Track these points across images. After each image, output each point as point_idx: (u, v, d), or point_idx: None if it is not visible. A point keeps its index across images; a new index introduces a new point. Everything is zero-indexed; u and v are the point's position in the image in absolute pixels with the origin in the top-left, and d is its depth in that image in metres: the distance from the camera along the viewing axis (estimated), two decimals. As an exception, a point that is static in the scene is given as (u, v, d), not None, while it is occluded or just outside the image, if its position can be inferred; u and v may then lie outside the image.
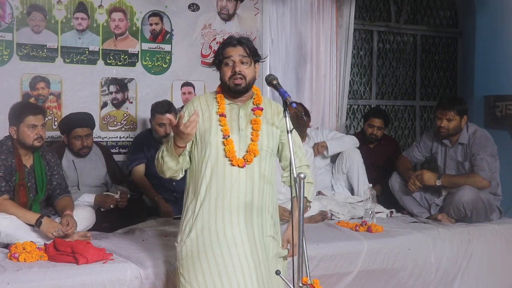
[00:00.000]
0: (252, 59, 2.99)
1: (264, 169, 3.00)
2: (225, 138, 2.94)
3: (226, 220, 2.91)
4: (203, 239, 2.91)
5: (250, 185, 2.94)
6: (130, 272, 3.30)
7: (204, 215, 2.93)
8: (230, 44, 2.98)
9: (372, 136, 5.63)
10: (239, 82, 2.94)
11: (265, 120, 3.03)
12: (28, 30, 4.74)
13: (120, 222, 4.30)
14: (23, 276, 3.09)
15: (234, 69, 2.94)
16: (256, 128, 2.98)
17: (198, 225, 2.93)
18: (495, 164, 4.79)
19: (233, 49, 2.96)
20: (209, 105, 3.02)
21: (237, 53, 2.95)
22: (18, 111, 3.85)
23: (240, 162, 2.92)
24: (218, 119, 2.97)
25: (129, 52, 5.15)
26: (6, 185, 3.75)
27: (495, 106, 6.18)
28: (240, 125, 2.98)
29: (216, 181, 2.93)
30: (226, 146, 2.93)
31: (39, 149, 3.91)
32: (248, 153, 2.94)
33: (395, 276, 4.22)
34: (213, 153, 2.94)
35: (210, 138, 2.95)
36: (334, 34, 6.00)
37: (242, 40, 3.00)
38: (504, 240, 4.73)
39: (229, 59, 2.95)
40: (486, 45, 6.41)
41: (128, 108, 5.18)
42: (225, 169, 2.93)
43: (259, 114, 3.02)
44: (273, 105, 3.12)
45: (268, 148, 3.01)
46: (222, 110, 2.98)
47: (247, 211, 2.94)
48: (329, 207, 4.81)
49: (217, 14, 5.50)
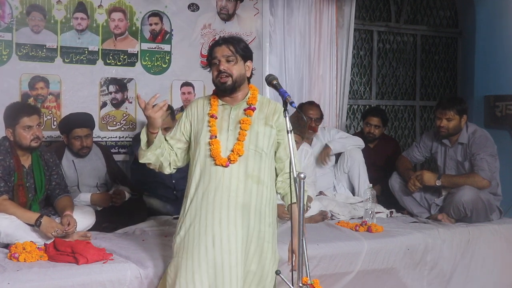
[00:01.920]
0: (240, 56, 3.06)
1: (253, 169, 3.02)
2: (211, 138, 3.03)
3: (209, 218, 2.98)
4: (188, 237, 3.00)
5: (235, 184, 2.99)
6: (130, 272, 3.30)
7: (192, 213, 3.03)
8: (216, 44, 3.08)
9: (370, 134, 5.63)
10: (224, 80, 3.03)
11: (257, 120, 3.06)
12: (27, 30, 4.73)
13: (120, 222, 4.30)
14: (23, 276, 3.09)
15: (219, 67, 3.03)
16: (243, 128, 3.04)
17: (187, 223, 3.03)
18: (495, 164, 4.79)
19: (218, 48, 3.06)
20: (204, 107, 3.13)
21: (222, 52, 3.04)
22: (12, 113, 3.82)
23: (223, 162, 2.99)
24: (208, 120, 3.06)
25: (129, 52, 5.14)
26: (5, 186, 3.74)
27: (495, 106, 6.17)
28: (229, 126, 3.04)
29: (203, 181, 3.02)
30: (211, 146, 3.01)
31: (37, 149, 3.90)
32: (232, 152, 3.00)
33: (395, 276, 4.22)
34: (201, 153, 3.04)
35: (200, 139, 3.05)
36: (334, 34, 5.99)
37: (229, 39, 3.08)
38: (504, 240, 4.73)
39: (216, 59, 3.05)
40: (486, 45, 6.41)
41: (127, 108, 5.17)
42: (211, 168, 3.02)
43: (250, 114, 3.07)
44: (271, 105, 3.15)
45: (258, 148, 3.03)
46: (213, 112, 3.08)
47: (238, 211, 2.98)
48: (329, 207, 4.81)
49: (217, 14, 5.50)
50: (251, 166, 3.02)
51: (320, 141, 5.27)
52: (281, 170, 3.16)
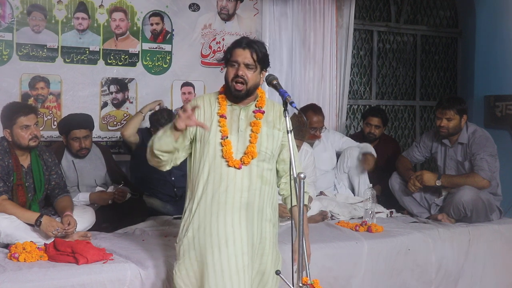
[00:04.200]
0: (259, 65, 2.97)
1: (262, 170, 3.01)
2: (223, 139, 2.96)
3: (220, 220, 2.93)
4: (198, 238, 2.94)
5: (247, 186, 2.96)
6: (130, 272, 3.30)
7: (201, 214, 2.96)
8: (239, 46, 2.96)
9: (370, 134, 5.63)
10: (239, 88, 2.94)
11: (266, 123, 3.04)
12: (28, 30, 4.74)
13: (120, 222, 4.31)
14: (23, 276, 3.09)
15: (238, 71, 2.94)
16: (255, 130, 2.99)
17: (195, 224, 2.97)
18: (495, 164, 4.79)
19: (241, 52, 2.95)
20: (211, 105, 3.03)
21: (244, 58, 2.94)
22: (9, 113, 3.81)
23: (236, 163, 2.95)
24: (218, 120, 2.99)
25: (130, 52, 5.15)
26: (4, 186, 3.74)
27: (495, 106, 6.17)
28: (239, 127, 2.99)
29: (212, 181, 2.96)
30: (224, 147, 2.94)
31: (36, 148, 3.89)
32: (246, 155, 2.96)
33: (395, 276, 4.22)
34: (211, 153, 2.97)
35: (209, 138, 2.97)
36: (334, 34, 5.99)
37: (253, 44, 2.98)
38: (504, 240, 4.73)
39: (235, 61, 2.95)
40: (486, 45, 6.41)
41: (128, 108, 5.18)
42: (222, 169, 2.95)
43: (259, 117, 3.02)
44: (276, 107, 3.11)
45: (268, 150, 3.02)
46: (222, 111, 3.00)
47: (242, 211, 2.95)
48: (329, 208, 4.80)
49: (217, 14, 5.50)
50: (261, 167, 3.00)
51: (322, 142, 5.26)
52: (285, 172, 3.14)
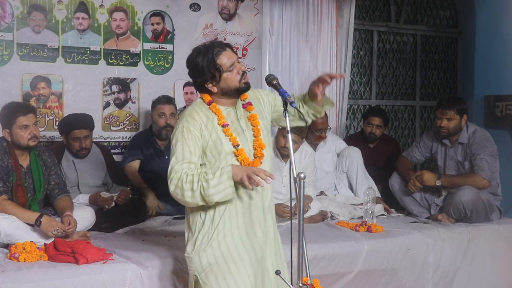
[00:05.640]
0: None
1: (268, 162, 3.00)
2: (235, 148, 2.88)
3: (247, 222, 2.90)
4: (226, 244, 2.86)
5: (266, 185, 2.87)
6: (130, 272, 3.30)
7: (226, 221, 2.87)
8: (222, 50, 2.89)
9: (371, 135, 5.63)
10: (247, 79, 2.94)
11: (260, 117, 3.02)
12: (28, 30, 4.74)
13: (120, 222, 4.31)
14: (23, 276, 3.10)
15: (242, 68, 2.91)
16: (255, 124, 2.97)
17: (220, 231, 2.87)
18: (495, 164, 4.80)
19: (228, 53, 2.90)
20: (208, 117, 2.91)
21: (232, 56, 2.90)
22: (8, 114, 3.82)
23: (256, 164, 2.89)
24: (223, 130, 2.89)
25: (131, 52, 5.15)
26: (3, 186, 3.74)
27: (495, 106, 6.18)
28: (242, 127, 2.94)
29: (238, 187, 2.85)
30: (238, 156, 2.88)
31: (35, 148, 3.90)
32: (256, 150, 2.92)
33: (395, 276, 4.23)
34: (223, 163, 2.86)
35: (222, 149, 2.88)
36: (334, 34, 5.99)
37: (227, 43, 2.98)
38: (504, 240, 4.74)
39: (232, 65, 2.88)
40: (486, 45, 6.41)
41: (130, 108, 5.18)
42: None
43: (251, 109, 2.99)
44: (251, 94, 3.04)
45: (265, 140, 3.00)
46: (223, 121, 2.90)
47: (266, 211, 2.96)
48: (329, 208, 4.81)
49: (218, 14, 5.51)
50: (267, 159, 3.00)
51: (327, 144, 5.25)
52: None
